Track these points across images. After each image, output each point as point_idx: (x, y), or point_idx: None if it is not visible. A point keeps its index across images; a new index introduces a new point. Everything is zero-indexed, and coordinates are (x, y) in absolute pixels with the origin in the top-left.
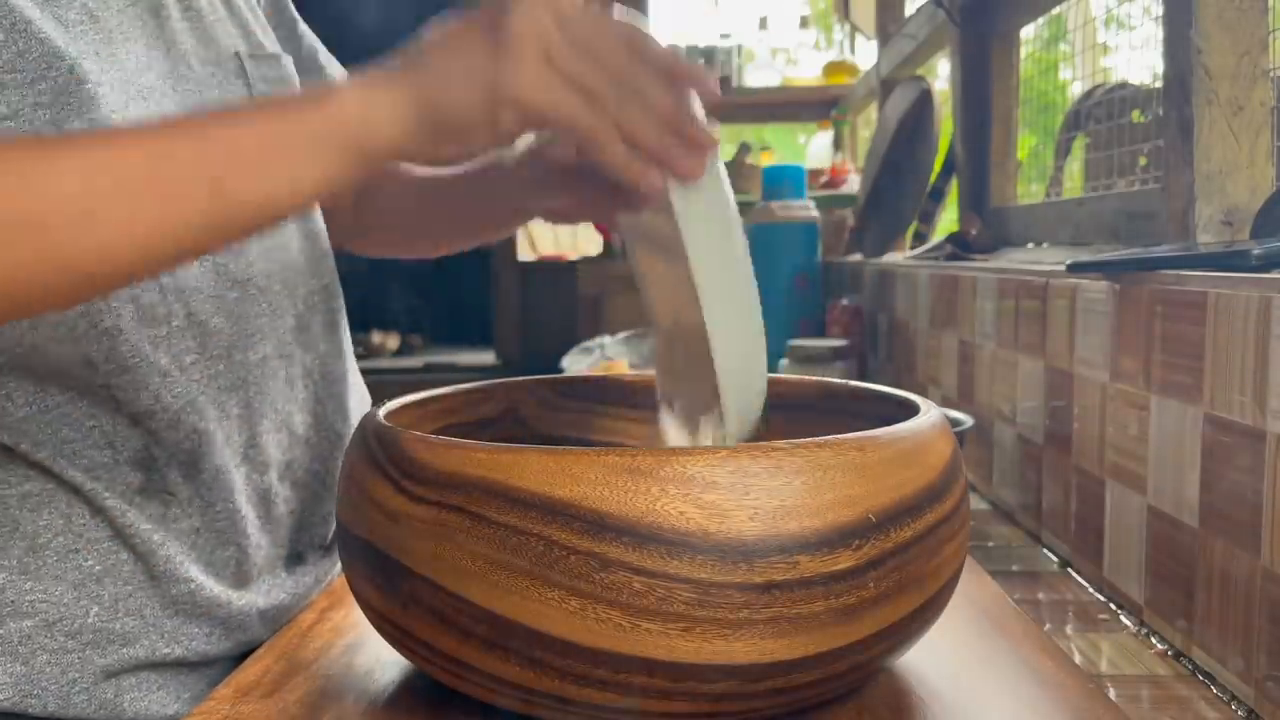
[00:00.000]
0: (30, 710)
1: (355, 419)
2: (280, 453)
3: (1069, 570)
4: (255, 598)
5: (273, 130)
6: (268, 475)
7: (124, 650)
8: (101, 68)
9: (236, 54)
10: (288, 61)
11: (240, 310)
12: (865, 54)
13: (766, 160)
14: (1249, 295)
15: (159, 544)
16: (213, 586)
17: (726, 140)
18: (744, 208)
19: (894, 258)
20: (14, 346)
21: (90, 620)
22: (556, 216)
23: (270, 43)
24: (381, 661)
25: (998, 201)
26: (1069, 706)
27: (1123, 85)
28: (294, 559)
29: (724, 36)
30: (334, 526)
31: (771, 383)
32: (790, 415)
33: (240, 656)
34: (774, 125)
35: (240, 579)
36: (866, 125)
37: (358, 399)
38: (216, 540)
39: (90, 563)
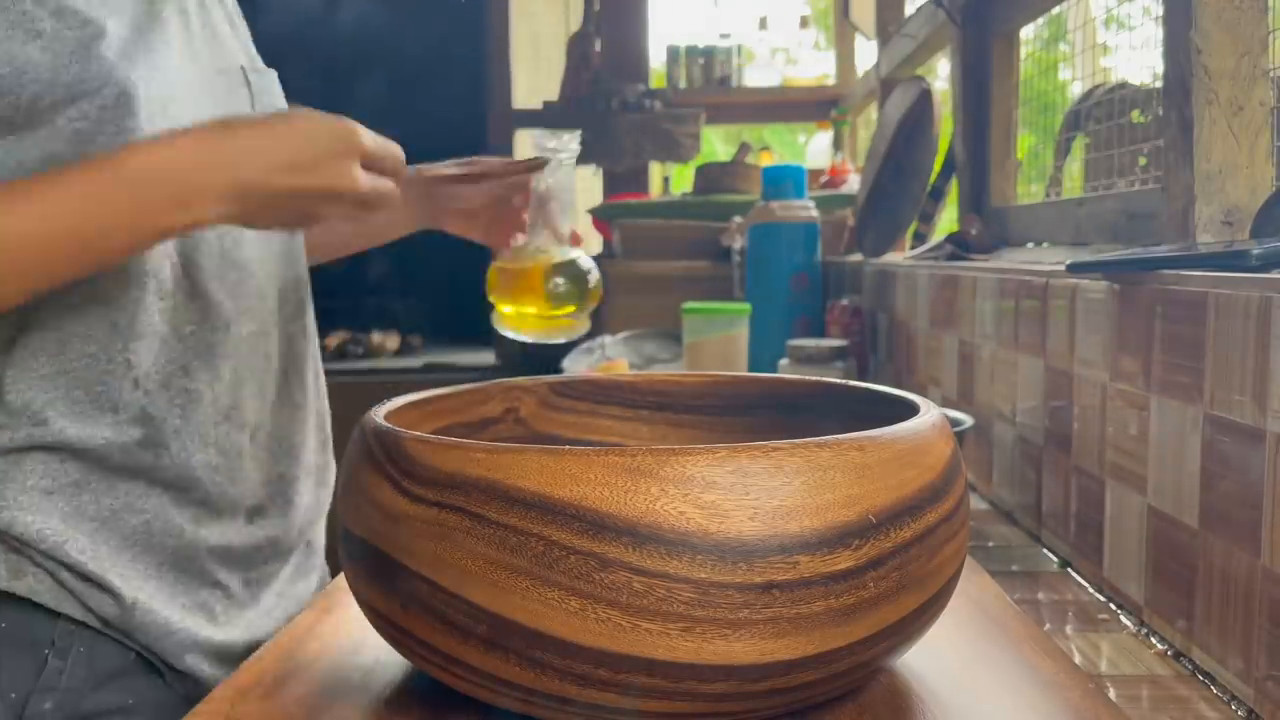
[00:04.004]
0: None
1: (312, 391)
2: (253, 415)
3: (1069, 570)
4: (211, 536)
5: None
6: (242, 434)
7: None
8: (149, 74)
9: (241, 68)
10: (275, 78)
11: (237, 289)
12: (866, 54)
13: (766, 160)
14: (1249, 295)
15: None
16: (176, 519)
17: (726, 140)
18: (744, 207)
19: (894, 258)
20: (54, 305)
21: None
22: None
23: (258, 59)
24: (381, 661)
25: (998, 201)
26: (1069, 706)
27: (1123, 85)
28: (254, 510)
29: (724, 36)
30: (295, 483)
31: (772, 383)
32: (790, 415)
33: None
34: (774, 125)
35: (202, 519)
36: (866, 125)
37: (314, 374)
38: (192, 484)
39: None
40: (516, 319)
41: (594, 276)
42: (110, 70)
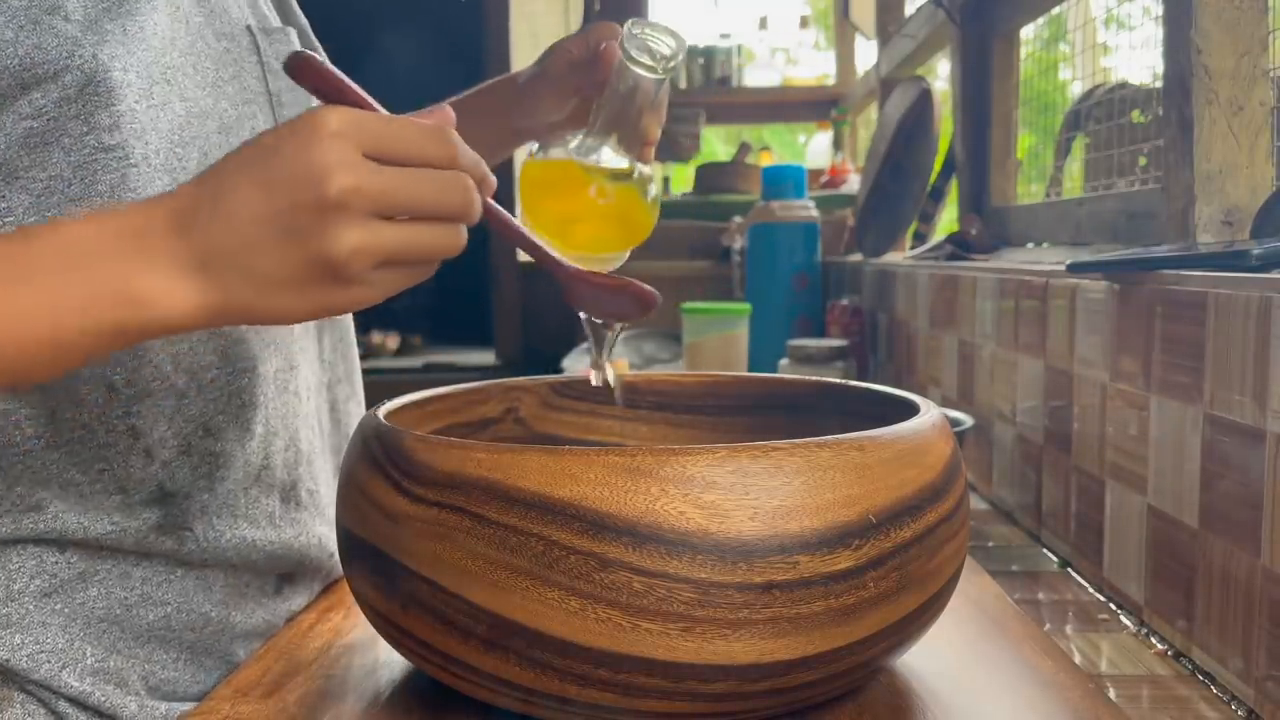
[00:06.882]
0: None
1: (350, 429)
2: (287, 473)
3: (1069, 570)
4: (237, 616)
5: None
6: (271, 497)
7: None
8: (126, 50)
9: (248, 28)
10: (294, 36)
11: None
12: (866, 54)
13: (766, 160)
14: (1249, 295)
15: (175, 579)
16: (202, 605)
17: (726, 140)
18: (744, 207)
19: (894, 258)
20: None
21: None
22: (552, 131)
23: (274, 16)
24: (381, 661)
25: (998, 201)
26: (1069, 706)
27: (1123, 85)
28: (284, 579)
29: (724, 36)
30: (332, 541)
31: (772, 383)
32: (790, 415)
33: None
34: (774, 125)
35: (230, 599)
36: (866, 125)
37: (355, 404)
38: (220, 564)
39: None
40: (556, 226)
41: (654, 197)
42: (72, 47)
